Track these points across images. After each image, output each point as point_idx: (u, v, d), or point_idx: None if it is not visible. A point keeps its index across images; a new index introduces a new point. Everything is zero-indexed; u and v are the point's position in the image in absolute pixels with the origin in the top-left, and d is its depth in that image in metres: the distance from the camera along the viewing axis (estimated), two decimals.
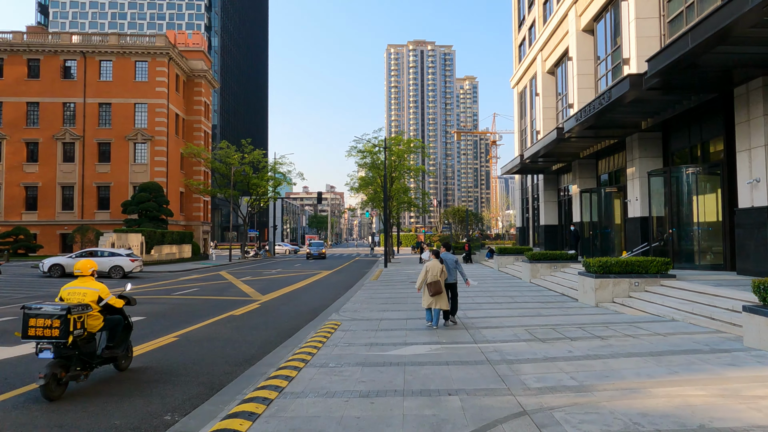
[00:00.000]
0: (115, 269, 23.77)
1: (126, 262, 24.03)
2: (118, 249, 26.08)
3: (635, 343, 7.49)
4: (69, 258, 24.27)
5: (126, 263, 23.98)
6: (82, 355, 5.80)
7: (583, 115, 16.52)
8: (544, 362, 6.51)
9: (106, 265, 23.65)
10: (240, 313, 12.17)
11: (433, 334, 8.83)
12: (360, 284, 19.49)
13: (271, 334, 9.54)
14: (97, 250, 25.42)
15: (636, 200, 17.83)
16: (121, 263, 23.92)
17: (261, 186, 46.60)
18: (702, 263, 15.01)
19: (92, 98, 45.26)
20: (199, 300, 15.00)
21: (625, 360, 6.44)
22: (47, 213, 44.41)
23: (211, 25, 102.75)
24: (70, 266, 23.34)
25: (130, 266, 23.96)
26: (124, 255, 24.44)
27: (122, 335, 6.51)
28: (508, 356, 6.92)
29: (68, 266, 23.48)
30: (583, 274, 12.85)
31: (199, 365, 7.16)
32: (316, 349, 7.70)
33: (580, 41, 22.99)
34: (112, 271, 23.76)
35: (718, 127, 14.52)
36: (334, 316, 11.27)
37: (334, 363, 6.82)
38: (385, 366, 6.58)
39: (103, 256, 24.07)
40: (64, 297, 6.06)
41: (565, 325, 9.27)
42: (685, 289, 10.95)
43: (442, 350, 7.47)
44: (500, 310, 11.72)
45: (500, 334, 8.60)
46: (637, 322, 9.37)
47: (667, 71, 11.79)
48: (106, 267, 23.59)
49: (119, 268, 23.79)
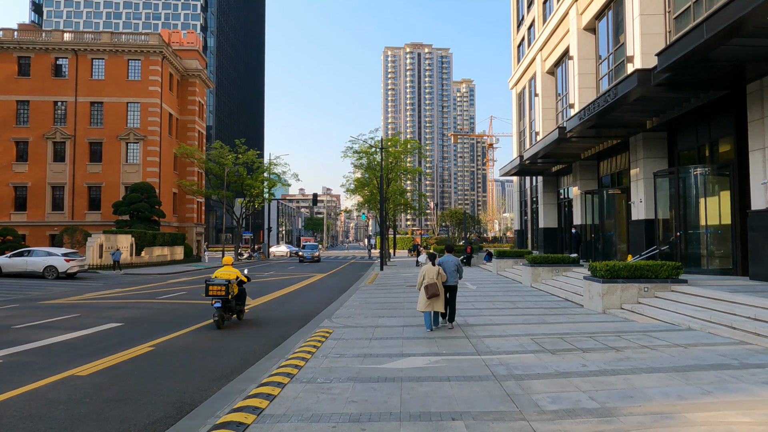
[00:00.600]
0: (49, 269, 23.81)
1: (60, 262, 23.92)
2: (54, 249, 26.04)
3: (655, 356, 6.82)
4: (6, 258, 24.82)
5: (60, 263, 23.87)
6: (230, 307, 10.42)
7: (587, 114, 15.92)
8: (556, 378, 5.83)
9: (40, 265, 23.88)
10: None
11: (432, 343, 8.16)
12: (355, 288, 18.79)
13: (257, 343, 8.83)
14: (31, 249, 25.76)
15: (640, 202, 17.23)
16: (55, 263, 23.87)
17: (255, 187, 45.78)
18: (710, 267, 14.41)
19: (84, 97, 44.36)
20: (184, 305, 14.26)
21: (647, 376, 5.77)
22: (37, 213, 43.45)
23: (207, 25, 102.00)
24: (7, 266, 24.35)
25: (64, 266, 23.84)
26: (59, 255, 24.40)
27: (243, 297, 11.26)
28: (515, 370, 6.24)
29: (5, 266, 24.37)
30: (589, 278, 12.21)
31: (171, 380, 6.44)
32: (303, 361, 7.01)
33: (581, 40, 22.46)
34: (46, 271, 23.81)
35: (728, 126, 13.94)
36: (326, 322, 10.58)
37: (322, 378, 6.13)
38: (380, 382, 5.89)
39: (37, 256, 24.40)
40: (218, 275, 10.39)
41: (573, 334, 8.61)
42: (699, 295, 10.33)
43: (442, 363, 6.79)
44: (502, 317, 11.06)
45: (505, 344, 7.93)
46: (650, 331, 8.72)
47: (678, 66, 11.20)
48: (40, 267, 23.90)
49: (53, 268, 23.79)
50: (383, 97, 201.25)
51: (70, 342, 8.78)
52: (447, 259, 9.80)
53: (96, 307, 13.45)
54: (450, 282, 9.57)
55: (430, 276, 9.10)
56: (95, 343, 8.76)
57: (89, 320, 11.13)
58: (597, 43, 22.01)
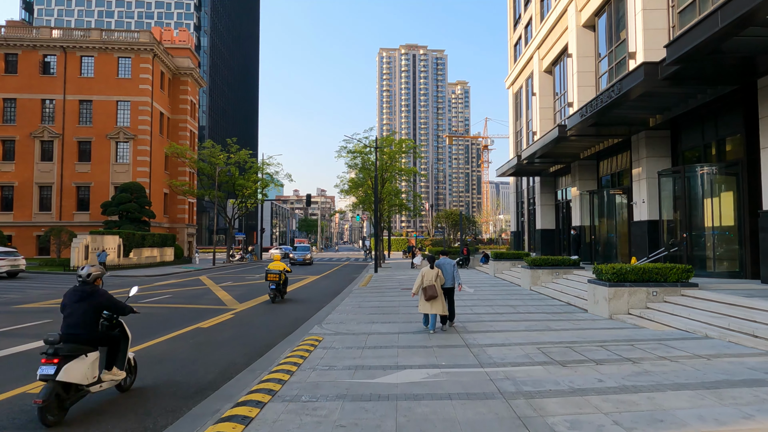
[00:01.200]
0: None
1: None
2: None
3: (677, 368, 6.18)
4: None
5: None
6: (280, 288, 15.11)
7: (589, 110, 15.35)
8: (572, 396, 5.17)
9: None
10: (208, 326, 10.69)
11: (430, 353, 7.49)
12: (348, 291, 18.09)
13: (239, 353, 8.12)
14: None
15: (643, 202, 16.68)
16: None
17: (247, 187, 44.94)
18: (717, 270, 13.85)
19: (72, 95, 43.43)
20: (166, 309, 13.49)
21: (674, 395, 5.12)
22: (23, 214, 42.42)
23: (200, 24, 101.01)
24: None
25: None
26: None
27: (286, 283, 15.85)
28: (524, 386, 5.58)
29: None
30: (594, 282, 11.59)
31: (136, 399, 5.71)
32: (288, 375, 6.32)
33: (581, 37, 21.95)
34: None
35: (737, 123, 13.39)
36: (316, 329, 9.88)
37: (308, 395, 5.44)
38: (372, 401, 5.21)
39: None
40: (271, 268, 15.14)
41: (582, 343, 7.96)
42: (712, 300, 9.73)
43: (441, 377, 6.12)
44: (503, 323, 10.41)
45: (509, 354, 7.27)
46: (665, 339, 8.09)
47: (689, 58, 10.64)
48: None
49: None
50: (378, 99, 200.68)
51: (33, 353, 8.02)
52: (444, 262, 9.98)
53: None
54: (448, 285, 9.76)
55: (428, 278, 9.32)
56: None
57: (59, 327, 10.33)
58: (596, 40, 21.51)
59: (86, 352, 5.07)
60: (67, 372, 4.79)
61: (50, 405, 4.71)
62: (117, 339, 5.60)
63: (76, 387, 4.99)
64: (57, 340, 4.89)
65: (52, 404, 4.74)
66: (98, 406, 5.42)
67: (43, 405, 4.61)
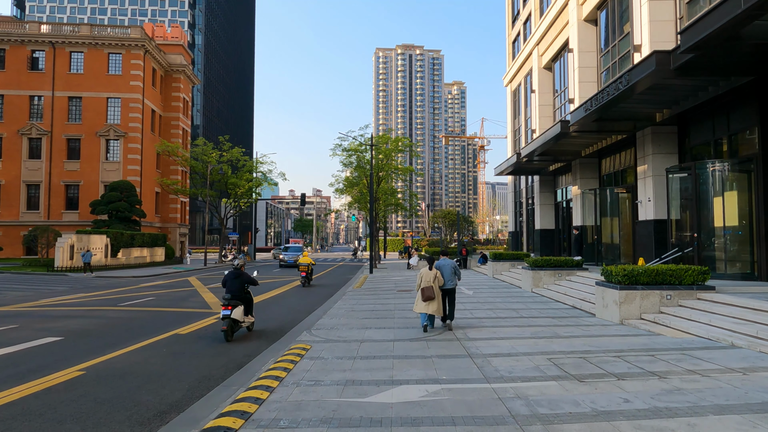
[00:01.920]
0: None
1: None
2: None
3: (711, 385, 5.42)
4: None
5: None
6: (309, 279, 20.73)
7: (594, 104, 14.64)
8: (596, 422, 4.41)
9: None
10: (186, 332, 9.87)
11: (429, 364, 6.72)
12: (341, 292, 17.30)
13: (216, 364, 7.31)
14: None
15: (648, 201, 15.97)
16: None
17: (240, 186, 44.01)
18: (729, 272, 13.13)
19: (61, 91, 42.38)
20: (146, 313, 12.64)
21: (717, 420, 4.36)
22: (10, 213, 41.34)
23: (195, 22, 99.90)
24: None
25: None
26: None
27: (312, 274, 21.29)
28: (539, 408, 4.82)
29: None
30: (602, 284, 10.85)
31: (84, 423, 4.89)
32: (268, 392, 5.53)
33: (582, 32, 21.30)
34: None
35: (751, 117, 12.68)
36: (305, 335, 9.10)
37: (287, 419, 4.65)
38: (363, 426, 4.43)
39: None
40: (301, 260, 21.00)
41: (597, 353, 7.21)
42: (731, 304, 9.01)
43: (443, 394, 5.35)
44: (507, 328, 9.65)
45: (517, 366, 6.51)
46: (687, 348, 7.35)
47: (704, 44, 9.92)
48: None
49: None
50: (374, 99, 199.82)
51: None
52: (444, 263, 9.78)
53: (42, 317, 11.78)
54: (448, 286, 9.61)
55: (426, 279, 9.31)
56: (16, 364, 7.17)
57: (25, 333, 9.48)
58: (598, 34, 20.87)
59: (239, 305, 9.14)
60: (235, 313, 8.97)
61: (228, 330, 8.90)
62: (250, 299, 9.70)
63: (236, 322, 9.10)
64: (230, 298, 9.01)
65: (229, 330, 8.92)
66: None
67: (226, 329, 8.87)
